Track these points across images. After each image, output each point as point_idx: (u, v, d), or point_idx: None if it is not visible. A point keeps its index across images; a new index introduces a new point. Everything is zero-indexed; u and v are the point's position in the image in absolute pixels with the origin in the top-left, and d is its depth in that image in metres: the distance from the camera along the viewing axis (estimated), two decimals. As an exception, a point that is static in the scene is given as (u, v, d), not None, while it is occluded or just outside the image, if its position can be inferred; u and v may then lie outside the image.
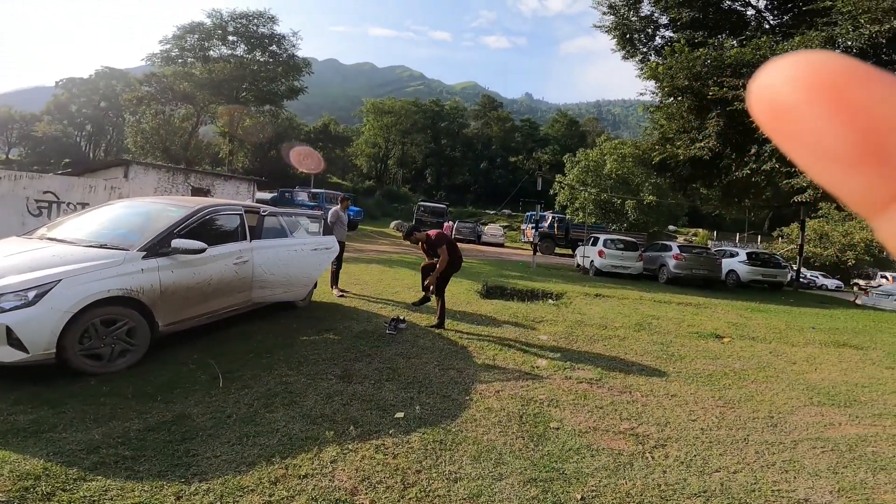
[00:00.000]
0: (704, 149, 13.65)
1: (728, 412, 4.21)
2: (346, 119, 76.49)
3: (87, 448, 2.68)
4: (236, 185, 23.23)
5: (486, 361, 4.85)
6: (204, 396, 3.46)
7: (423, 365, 4.53)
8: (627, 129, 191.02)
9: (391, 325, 5.57)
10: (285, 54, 37.48)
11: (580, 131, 64.43)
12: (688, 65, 13.55)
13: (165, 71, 34.33)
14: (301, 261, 5.60)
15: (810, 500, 2.87)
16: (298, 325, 5.47)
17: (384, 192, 49.05)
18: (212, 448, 2.80)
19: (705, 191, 20.11)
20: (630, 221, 30.76)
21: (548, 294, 9.89)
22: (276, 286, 5.28)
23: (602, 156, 32.72)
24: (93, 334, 3.53)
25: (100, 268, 3.55)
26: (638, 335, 6.72)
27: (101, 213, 4.70)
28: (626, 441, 3.48)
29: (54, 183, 6.35)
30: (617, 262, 14.77)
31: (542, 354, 5.30)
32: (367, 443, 3.00)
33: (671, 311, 8.99)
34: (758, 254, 16.62)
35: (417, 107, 58.36)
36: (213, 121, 38.43)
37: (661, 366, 5.43)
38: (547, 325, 6.67)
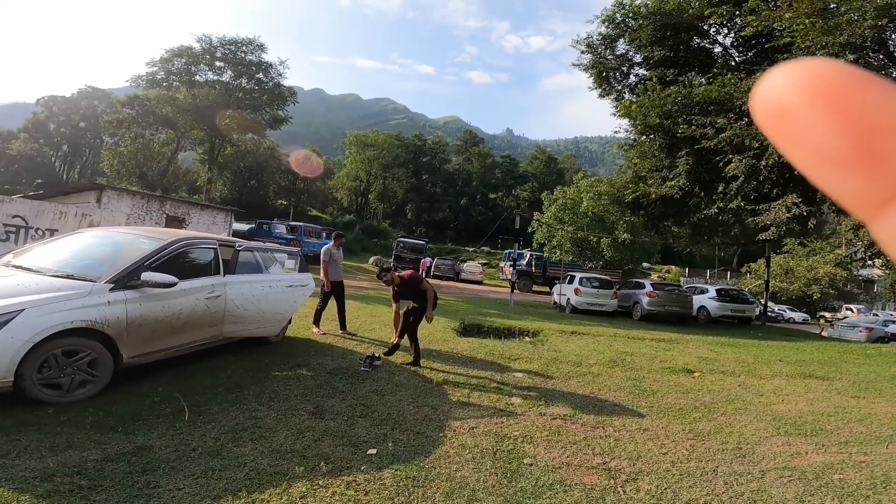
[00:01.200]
0: (675, 187, 14.19)
1: (698, 444, 4.27)
2: (328, 150, 77.02)
3: (40, 476, 2.57)
4: (213, 214, 22.92)
5: (461, 399, 4.82)
6: (168, 429, 3.34)
7: (397, 402, 4.48)
8: (604, 165, 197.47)
9: (366, 362, 5.48)
10: (271, 83, 37.68)
11: (558, 168, 66.30)
12: (659, 103, 14.09)
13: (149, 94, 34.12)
14: (275, 297, 5.52)
15: (777, 532, 2.91)
16: (271, 361, 5.35)
17: (364, 226, 49.00)
18: (174, 481, 2.69)
19: (676, 228, 20.79)
20: (605, 259, 31.40)
21: (524, 332, 9.95)
22: (249, 321, 5.19)
23: (579, 194, 33.53)
24: (53, 364, 3.41)
25: (64, 299, 3.46)
26: (612, 371, 6.79)
27: (70, 242, 4.60)
28: (599, 476, 3.49)
29: (24, 208, 6.19)
30: (592, 300, 15.01)
31: (517, 392, 5.30)
32: (338, 479, 2.93)
33: (644, 348, 9.13)
34: (727, 290, 17.13)
35: (400, 141, 59.32)
36: (193, 147, 38.13)
37: (634, 401, 5.48)
38: (523, 362, 6.69)
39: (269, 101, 37.73)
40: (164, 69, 34.56)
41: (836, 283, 32.93)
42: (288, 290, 5.76)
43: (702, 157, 13.68)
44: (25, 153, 58.10)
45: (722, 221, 16.10)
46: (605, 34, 17.33)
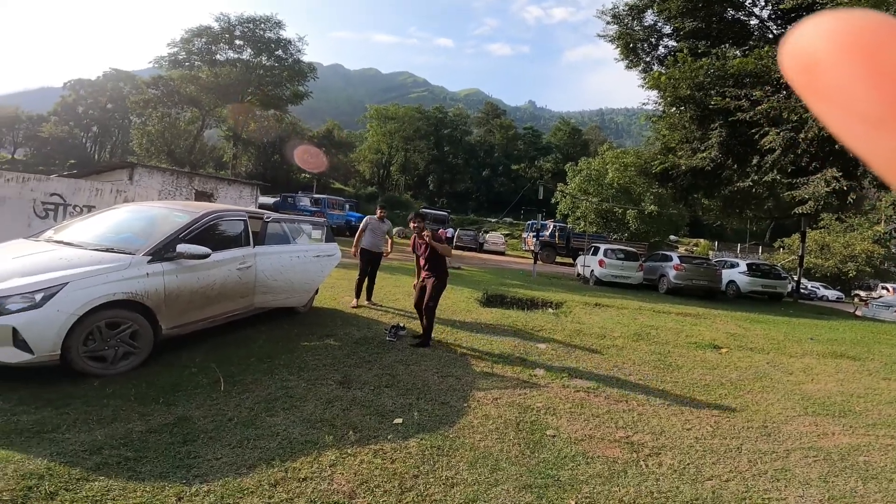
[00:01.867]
0: (706, 159, 13.72)
1: (723, 421, 4.25)
2: (349, 124, 76.87)
3: (89, 449, 2.72)
4: (239, 189, 23.36)
5: (485, 370, 4.90)
6: (205, 400, 3.51)
7: (422, 372, 4.58)
8: (630, 137, 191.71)
9: (391, 332, 5.61)
10: (291, 59, 37.75)
11: (583, 140, 64.63)
12: (690, 75, 13.62)
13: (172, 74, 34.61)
14: (303, 267, 5.66)
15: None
16: (300, 331, 5.52)
17: (386, 198, 49.11)
18: (213, 450, 2.84)
19: (706, 201, 20.19)
20: (631, 231, 30.80)
21: (547, 303, 9.94)
22: (279, 292, 5.35)
23: (604, 165, 32.79)
24: (97, 336, 3.59)
25: (106, 271, 3.61)
26: (636, 345, 6.76)
27: (108, 217, 4.78)
28: (621, 449, 3.52)
29: (61, 186, 6.43)
30: (617, 272, 14.81)
31: (540, 363, 5.35)
32: (365, 447, 3.04)
33: (670, 322, 9.02)
34: (758, 265, 16.64)
35: (421, 113, 58.71)
36: (218, 124, 38.66)
37: (659, 375, 5.47)
38: (546, 333, 6.71)
39: (289, 77, 37.85)
40: (186, 49, 34.82)
41: (874, 261, 31.56)
42: (315, 260, 5.89)
43: (735, 129, 13.15)
44: (57, 135, 59.96)
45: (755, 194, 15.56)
46: (633, 4, 16.63)
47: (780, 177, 12.46)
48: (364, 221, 7.35)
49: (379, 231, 7.33)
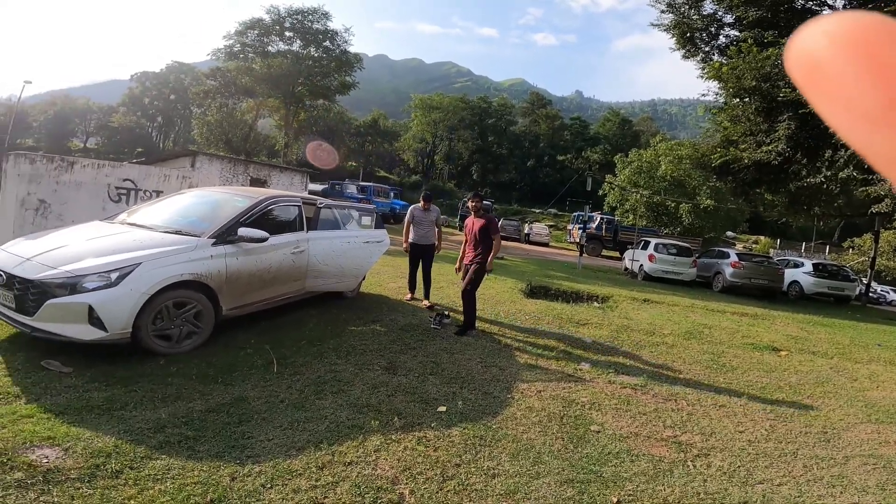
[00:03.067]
0: (772, 153, 12.90)
1: (779, 425, 4.04)
2: (394, 114, 77.70)
3: (154, 427, 2.88)
4: (291, 176, 24.17)
5: (529, 361, 4.87)
6: (259, 381, 3.70)
7: (465, 361, 4.62)
8: (685, 129, 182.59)
9: (436, 319, 5.69)
10: (338, 50, 38.59)
11: (633, 131, 62.16)
12: (756, 65, 12.87)
13: (229, 66, 36.19)
14: (353, 253, 5.82)
15: (855, 516, 2.74)
16: (347, 316, 5.69)
17: (430, 186, 49.51)
18: (265, 431, 3.00)
19: (770, 196, 19.02)
20: (684, 226, 29.43)
21: (593, 297, 9.73)
22: (329, 276, 5.52)
23: (656, 157, 31.45)
24: (165, 316, 3.85)
25: (175, 253, 3.86)
26: (687, 343, 6.50)
27: (175, 201, 5.09)
28: (668, 448, 3.43)
29: (133, 171, 6.91)
30: (668, 268, 14.24)
31: (585, 357, 5.26)
32: (409, 434, 3.12)
33: (725, 321, 8.61)
34: (825, 265, 15.52)
35: (465, 103, 58.40)
36: (270, 114, 40.12)
37: (711, 376, 5.25)
38: (592, 328, 6.58)
39: (336, 67, 38.71)
40: (240, 42, 36.32)
41: None
42: (364, 245, 6.05)
43: (806, 121, 12.27)
44: (125, 125, 64.25)
45: (826, 191, 14.52)
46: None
47: (857, 173, 11.54)
48: (409, 213, 6.82)
49: (426, 221, 6.77)
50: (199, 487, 2.36)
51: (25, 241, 4.19)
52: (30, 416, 2.84)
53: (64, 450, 2.53)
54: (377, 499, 2.45)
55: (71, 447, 2.56)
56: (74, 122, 66.84)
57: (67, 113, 65.05)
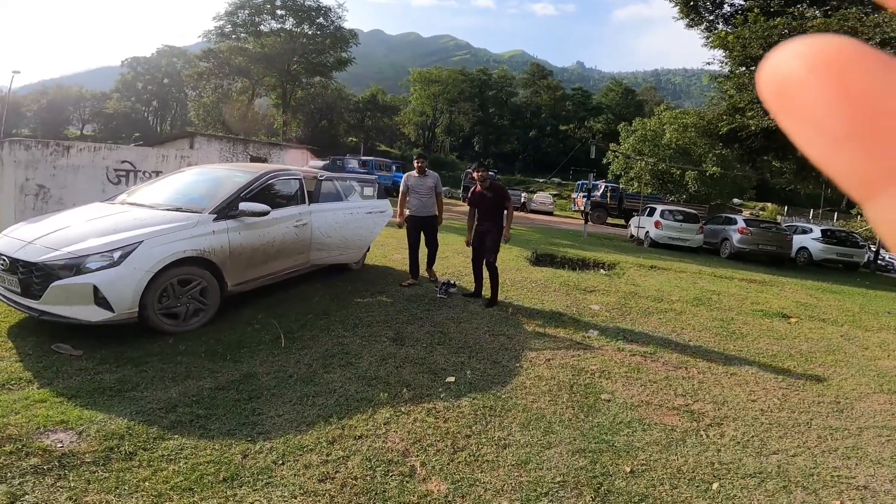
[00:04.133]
0: None
1: (791, 394, 4.01)
2: (393, 89, 76.42)
3: (165, 407, 2.87)
4: (291, 153, 24.03)
5: (537, 329, 4.84)
6: (268, 356, 3.69)
7: (473, 330, 4.59)
8: (689, 98, 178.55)
9: (442, 288, 5.65)
10: (332, 26, 37.84)
11: (636, 100, 60.91)
12: (763, 34, 12.48)
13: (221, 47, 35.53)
14: (356, 224, 5.76)
15: (870, 487, 2.74)
16: (353, 288, 5.66)
17: (432, 159, 48.92)
18: (275, 407, 2.99)
19: (777, 163, 18.68)
20: (690, 193, 29.07)
21: (599, 264, 9.66)
22: (333, 248, 5.47)
23: (661, 125, 30.88)
24: (170, 294, 3.82)
25: (177, 229, 3.81)
26: (696, 310, 6.45)
27: (175, 180, 5.01)
28: (680, 417, 3.41)
29: (131, 153, 6.80)
30: (674, 234, 14.10)
31: (593, 325, 5.22)
32: (419, 406, 3.11)
33: (733, 287, 8.54)
34: (834, 231, 15.31)
35: (464, 75, 57.33)
36: (267, 93, 39.56)
37: (721, 343, 5.21)
38: (599, 294, 6.53)
39: (331, 44, 38.11)
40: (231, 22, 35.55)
41: None
42: (367, 216, 5.96)
43: None
44: (121, 111, 63.60)
45: None
46: None
47: None
48: (403, 181, 5.94)
49: (423, 188, 5.84)
50: (211, 466, 2.36)
51: (26, 224, 4.14)
52: (42, 400, 2.83)
53: (78, 433, 2.53)
54: (388, 472, 2.45)
55: (85, 430, 2.56)
56: (69, 110, 66.21)
57: (61, 101, 64.33)
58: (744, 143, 15.36)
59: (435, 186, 5.94)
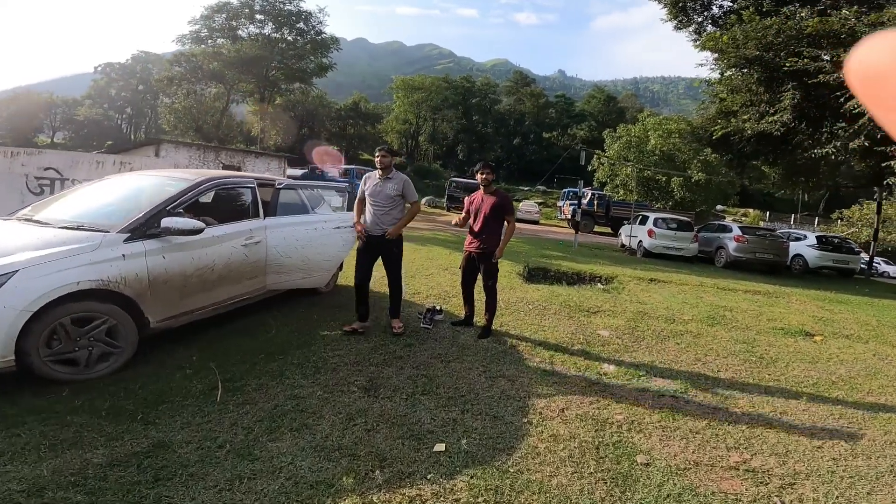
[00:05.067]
0: (776, 123, 12.14)
1: (857, 434, 3.28)
2: (376, 97, 75.78)
3: (29, 488, 2.02)
4: (267, 161, 22.83)
5: (542, 365, 4.00)
6: (194, 415, 2.76)
7: (465, 371, 3.72)
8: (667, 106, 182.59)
9: (426, 316, 4.76)
10: (313, 31, 36.92)
11: (618, 107, 61.52)
12: (757, 34, 12.06)
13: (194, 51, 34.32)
14: (322, 240, 4.80)
15: None
16: (320, 316, 4.74)
17: (415, 168, 48.41)
18: (191, 494, 2.09)
19: (766, 168, 18.44)
20: (675, 200, 28.85)
21: (596, 277, 8.93)
22: (294, 271, 4.55)
23: (644, 131, 30.82)
24: (62, 336, 2.87)
25: (69, 254, 2.85)
26: (713, 331, 5.71)
27: (93, 190, 4.06)
28: (742, 480, 2.61)
29: (56, 159, 5.83)
30: (669, 243, 13.49)
31: (606, 356, 4.41)
32: (397, 493, 2.22)
33: (742, 301, 7.87)
34: (829, 237, 14.93)
35: (448, 83, 56.98)
36: (244, 99, 38.39)
37: (753, 372, 4.45)
38: (605, 316, 5.74)
39: (312, 49, 37.05)
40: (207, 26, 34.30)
41: None
42: (336, 232, 4.96)
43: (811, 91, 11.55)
44: (92, 118, 61.36)
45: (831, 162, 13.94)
46: None
47: (868, 143, 10.88)
48: (362, 184, 4.49)
49: (383, 196, 4.31)
50: None
51: None
52: None
53: None
54: None
55: None
56: (39, 117, 63.56)
57: (31, 108, 61.72)
58: (735, 148, 14.91)
59: (402, 193, 4.35)
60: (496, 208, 4.48)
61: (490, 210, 4.47)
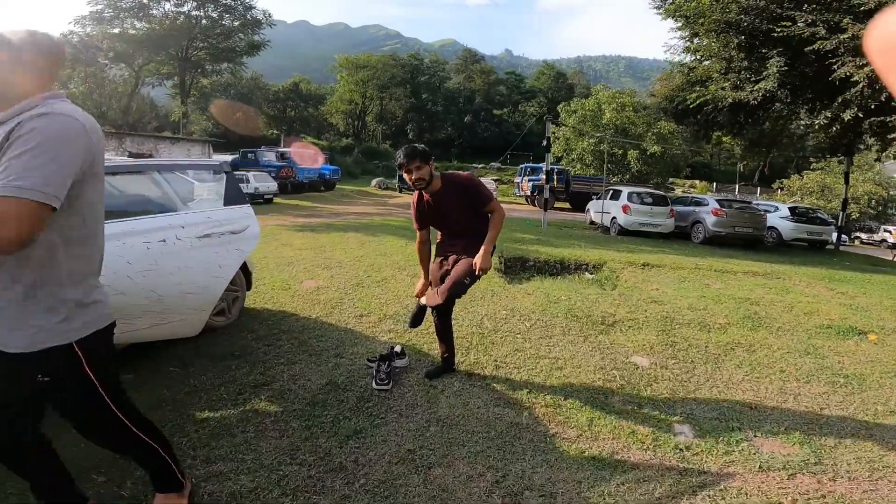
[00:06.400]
0: (759, 91, 11.14)
1: None
2: (321, 80, 71.70)
3: None
4: (187, 147, 19.96)
5: (585, 447, 2.40)
6: None
7: (462, 485, 2.06)
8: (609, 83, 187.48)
9: (379, 368, 2.92)
10: (241, 6, 33.06)
11: (567, 84, 61.21)
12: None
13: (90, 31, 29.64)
14: (177, 261, 2.74)
15: None
16: (206, 378, 2.89)
17: (363, 149, 45.83)
18: None
19: (727, 139, 17.88)
20: (632, 173, 28.42)
21: (583, 265, 7.55)
22: (134, 314, 2.60)
23: (598, 105, 30.14)
24: None
25: None
26: (761, 338, 4.38)
27: None
28: None
29: None
30: (645, 219, 12.39)
31: (663, 402, 2.91)
32: None
33: (755, 289, 6.72)
34: (801, 209, 14.45)
35: (395, 60, 54.46)
36: (160, 82, 34.12)
37: (851, 401, 3.15)
38: (627, 329, 4.26)
39: (241, 27, 33.26)
40: (113, 5, 29.36)
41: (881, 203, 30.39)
42: (202, 244, 2.85)
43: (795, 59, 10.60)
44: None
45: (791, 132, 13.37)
46: None
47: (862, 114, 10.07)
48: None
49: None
50: None
51: None
52: None
53: None
54: None
55: None
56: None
57: None
58: (706, 118, 13.95)
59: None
60: (466, 202, 2.85)
61: (459, 210, 2.87)
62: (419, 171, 2.74)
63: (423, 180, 2.76)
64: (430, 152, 2.85)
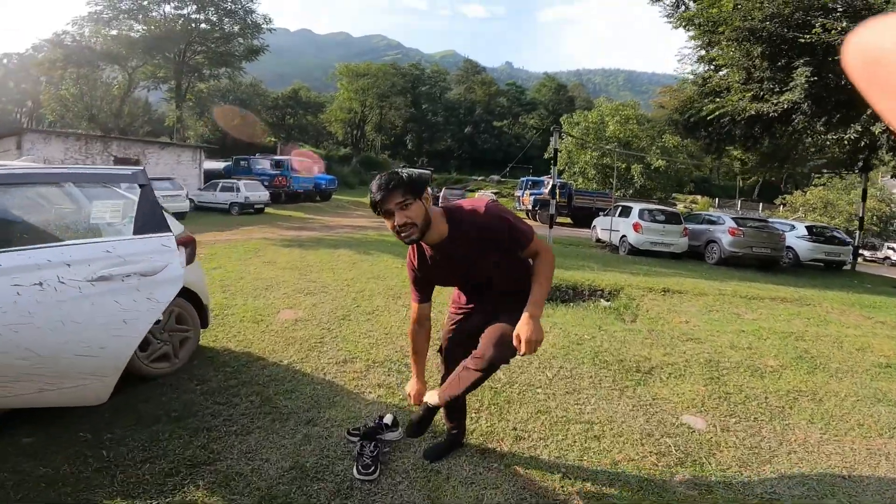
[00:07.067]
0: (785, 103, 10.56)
1: None
2: (322, 88, 71.54)
3: None
4: (177, 153, 19.29)
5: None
6: None
7: None
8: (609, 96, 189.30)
9: (363, 451, 2.16)
10: (241, 10, 32.66)
11: (568, 96, 61.07)
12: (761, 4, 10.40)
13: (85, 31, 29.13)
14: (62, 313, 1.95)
15: None
16: (126, 442, 2.18)
17: (361, 159, 45.23)
18: None
19: (738, 153, 17.35)
20: (636, 187, 27.88)
21: (597, 290, 6.86)
22: (8, 376, 1.89)
23: (602, 118, 29.71)
24: None
25: None
26: (823, 384, 3.68)
27: None
28: None
29: None
30: (657, 238, 11.71)
31: (740, 487, 2.20)
32: None
33: (793, 319, 6.05)
34: (818, 228, 13.80)
35: (396, 69, 54.14)
36: (156, 85, 33.51)
37: None
38: (668, 379, 3.54)
39: (241, 30, 32.82)
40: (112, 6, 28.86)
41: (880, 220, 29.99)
42: (96, 289, 2.03)
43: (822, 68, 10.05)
44: (-15, 112, 53.09)
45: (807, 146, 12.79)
46: None
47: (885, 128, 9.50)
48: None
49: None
50: None
51: None
52: None
53: None
54: None
55: None
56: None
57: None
58: (721, 130, 13.36)
59: None
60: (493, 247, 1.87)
61: (483, 261, 1.90)
62: (405, 212, 1.68)
63: (411, 226, 1.69)
64: (422, 180, 1.81)
